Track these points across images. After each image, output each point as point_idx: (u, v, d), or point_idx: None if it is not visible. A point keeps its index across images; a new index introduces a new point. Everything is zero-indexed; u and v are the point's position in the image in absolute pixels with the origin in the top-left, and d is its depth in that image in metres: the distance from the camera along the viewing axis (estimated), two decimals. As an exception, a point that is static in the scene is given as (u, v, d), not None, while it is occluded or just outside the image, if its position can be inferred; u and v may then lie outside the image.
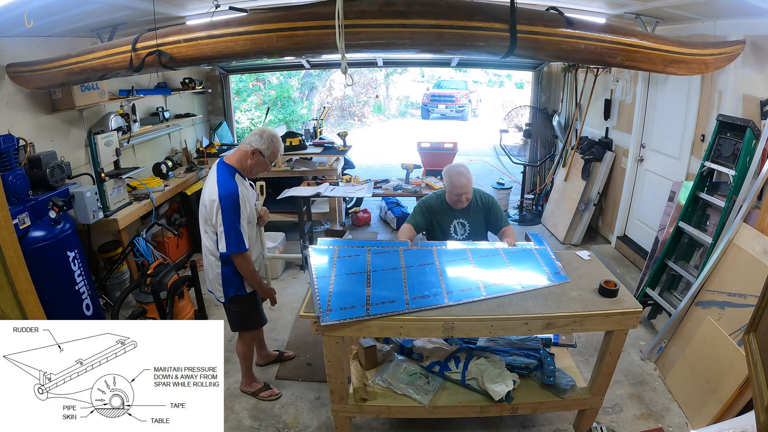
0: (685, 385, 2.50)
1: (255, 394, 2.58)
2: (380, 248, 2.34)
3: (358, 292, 1.98)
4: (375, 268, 2.16)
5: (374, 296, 1.96)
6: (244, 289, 2.30)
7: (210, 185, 2.15)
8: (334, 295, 1.95)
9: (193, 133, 5.42)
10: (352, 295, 1.97)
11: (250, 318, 2.43)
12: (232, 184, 2.13)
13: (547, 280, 2.12)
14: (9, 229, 1.30)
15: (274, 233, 4.19)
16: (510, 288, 2.05)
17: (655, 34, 3.08)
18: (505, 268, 2.21)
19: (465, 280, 2.10)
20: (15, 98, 2.93)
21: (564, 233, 4.78)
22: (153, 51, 2.48)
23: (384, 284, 2.05)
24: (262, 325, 2.53)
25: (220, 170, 2.16)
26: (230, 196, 2.09)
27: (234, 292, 2.29)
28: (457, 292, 2.00)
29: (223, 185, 2.11)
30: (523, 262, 2.28)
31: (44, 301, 1.44)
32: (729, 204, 2.65)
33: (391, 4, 2.28)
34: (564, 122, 5.58)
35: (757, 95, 2.73)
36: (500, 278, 2.12)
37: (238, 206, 2.10)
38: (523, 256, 2.32)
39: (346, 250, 2.29)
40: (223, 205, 2.08)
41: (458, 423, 2.38)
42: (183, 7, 3.21)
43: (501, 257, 2.30)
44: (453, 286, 2.04)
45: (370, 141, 11.80)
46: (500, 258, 2.29)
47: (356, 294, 1.97)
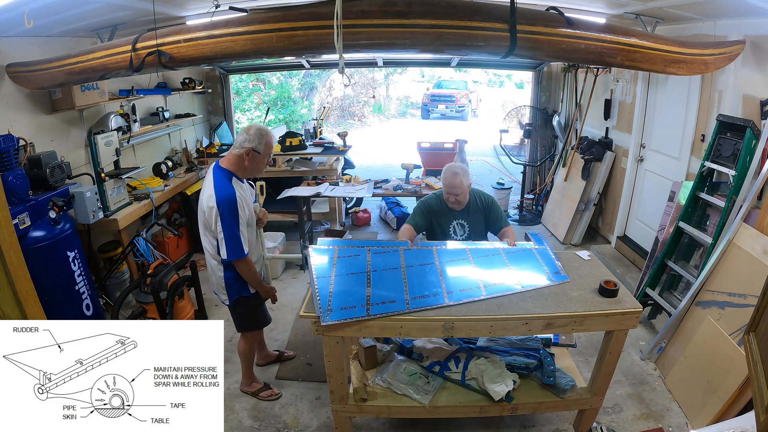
0: (685, 385, 2.50)
1: (255, 394, 2.58)
2: (380, 248, 2.34)
3: (358, 292, 1.98)
4: (375, 268, 2.16)
5: (374, 296, 1.96)
6: (248, 291, 2.31)
7: (207, 191, 2.13)
8: (334, 295, 1.95)
9: (193, 133, 5.42)
10: (352, 295, 1.97)
11: (254, 318, 2.44)
12: (229, 189, 2.11)
13: (547, 280, 2.12)
14: (9, 229, 1.30)
15: (274, 233, 4.19)
16: (510, 288, 2.05)
17: (655, 34, 3.08)
18: (505, 268, 2.21)
19: (465, 279, 2.11)
20: (15, 98, 2.93)
21: (564, 233, 4.78)
22: (153, 51, 2.48)
23: (384, 284, 2.05)
24: (266, 324, 2.54)
25: (216, 175, 2.14)
26: (228, 202, 2.07)
27: (238, 294, 2.29)
28: (457, 292, 2.00)
29: (221, 191, 2.09)
30: (523, 261, 2.28)
31: (44, 301, 1.44)
32: (729, 204, 2.65)
33: (391, 4, 2.28)
34: (564, 122, 5.58)
35: (757, 95, 2.73)
36: (500, 278, 2.12)
37: (236, 212, 2.09)
38: (523, 256, 2.32)
39: (346, 250, 2.29)
40: (222, 212, 2.07)
41: (458, 423, 2.38)
42: (183, 7, 3.21)
43: (501, 257, 2.30)
44: (453, 286, 2.04)
45: (370, 141, 11.79)
46: (500, 258, 2.29)
47: (356, 294, 1.97)
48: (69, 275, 2.77)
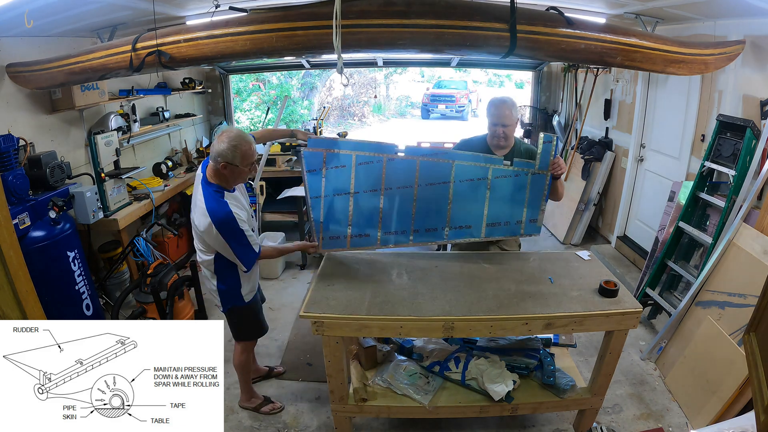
0: (685, 385, 2.50)
1: (256, 409, 2.49)
2: (366, 156, 2.25)
3: (343, 221, 2.28)
4: (358, 189, 2.26)
5: (355, 226, 2.26)
6: (241, 300, 2.22)
7: (199, 207, 2.00)
8: (324, 225, 2.28)
9: (193, 133, 5.42)
10: (337, 223, 2.27)
11: (250, 327, 2.36)
12: (224, 207, 1.98)
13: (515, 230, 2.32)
14: (9, 229, 1.30)
15: (274, 233, 4.18)
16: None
17: (655, 34, 3.08)
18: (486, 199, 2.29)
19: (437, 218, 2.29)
20: (15, 98, 2.93)
21: (564, 233, 4.78)
22: (153, 51, 2.48)
23: (362, 215, 2.29)
24: (261, 334, 2.42)
25: (205, 192, 2.01)
26: (226, 221, 1.96)
27: (231, 304, 2.22)
28: (423, 232, 2.23)
29: (215, 212, 1.96)
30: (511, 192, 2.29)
31: (44, 301, 1.43)
32: (729, 204, 2.65)
33: (391, 4, 2.28)
34: (564, 122, 5.58)
35: (757, 95, 2.73)
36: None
37: (237, 225, 1.99)
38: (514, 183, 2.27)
39: (332, 157, 2.23)
40: (223, 233, 1.97)
41: (458, 423, 2.38)
42: (183, 7, 3.21)
43: (485, 185, 2.27)
44: (420, 224, 2.24)
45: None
46: (484, 187, 2.27)
47: (341, 223, 2.27)
48: (69, 275, 2.77)
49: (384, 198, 2.26)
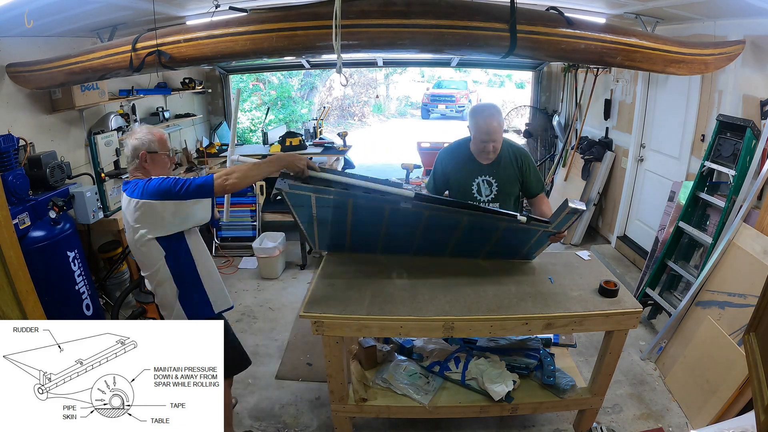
0: (685, 385, 2.50)
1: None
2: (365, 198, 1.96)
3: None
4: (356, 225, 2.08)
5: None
6: (211, 310, 1.95)
7: (127, 207, 1.81)
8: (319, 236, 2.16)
9: (193, 133, 5.42)
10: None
11: (232, 359, 2.00)
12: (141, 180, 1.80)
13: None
14: (9, 229, 1.30)
15: (274, 233, 4.18)
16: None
17: (655, 34, 3.08)
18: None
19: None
20: (15, 98, 2.93)
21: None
22: (153, 51, 2.48)
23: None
24: (243, 367, 2.13)
25: (129, 190, 1.82)
26: (151, 181, 1.76)
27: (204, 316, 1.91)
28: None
29: (132, 187, 1.79)
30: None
31: (44, 301, 1.43)
32: (729, 204, 2.65)
33: (390, 4, 2.28)
34: (564, 122, 5.58)
35: (757, 95, 2.73)
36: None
37: (165, 178, 1.79)
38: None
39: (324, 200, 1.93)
40: (155, 188, 1.74)
41: (458, 423, 2.38)
42: (183, 7, 3.21)
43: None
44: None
45: (370, 141, 11.79)
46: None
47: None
48: (69, 275, 2.77)
49: (384, 235, 2.13)
